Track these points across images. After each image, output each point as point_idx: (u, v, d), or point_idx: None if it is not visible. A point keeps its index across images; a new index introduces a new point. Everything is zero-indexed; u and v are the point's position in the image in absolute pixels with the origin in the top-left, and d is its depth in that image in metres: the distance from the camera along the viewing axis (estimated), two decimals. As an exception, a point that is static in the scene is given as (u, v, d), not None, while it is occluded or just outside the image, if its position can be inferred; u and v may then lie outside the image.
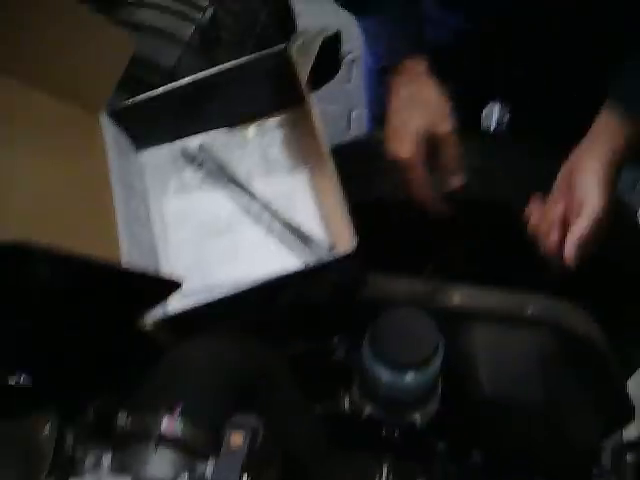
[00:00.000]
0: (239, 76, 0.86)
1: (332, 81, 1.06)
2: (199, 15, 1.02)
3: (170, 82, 0.93)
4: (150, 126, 0.90)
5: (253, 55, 0.85)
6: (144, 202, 0.86)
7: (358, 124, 2.45)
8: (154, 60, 0.96)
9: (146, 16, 1.01)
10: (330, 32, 1.11)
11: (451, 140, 0.90)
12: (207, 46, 1.00)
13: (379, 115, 1.38)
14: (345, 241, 0.73)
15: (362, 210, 0.99)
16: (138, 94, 0.90)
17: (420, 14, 1.02)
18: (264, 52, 0.85)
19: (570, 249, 0.82)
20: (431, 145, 0.89)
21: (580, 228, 0.82)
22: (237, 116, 0.90)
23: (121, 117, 0.87)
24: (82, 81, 0.81)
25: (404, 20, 0.99)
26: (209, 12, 1.01)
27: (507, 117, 1.65)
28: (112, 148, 0.84)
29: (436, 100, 0.92)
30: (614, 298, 1.02)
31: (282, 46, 0.85)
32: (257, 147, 0.88)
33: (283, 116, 0.90)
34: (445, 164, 0.90)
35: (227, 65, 0.85)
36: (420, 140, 0.88)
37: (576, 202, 0.84)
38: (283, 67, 0.85)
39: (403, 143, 0.89)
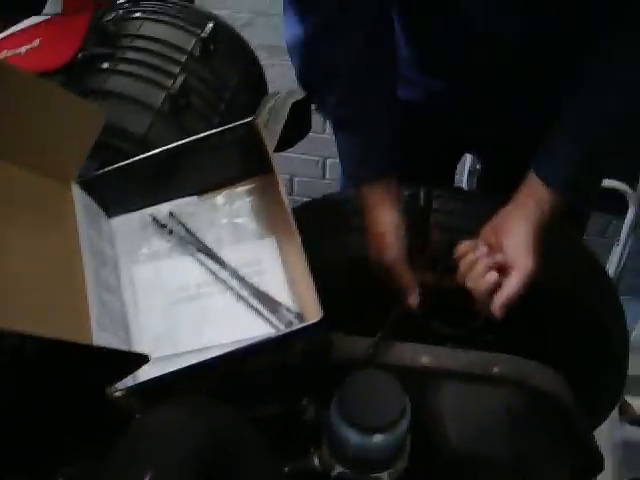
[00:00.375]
0: (209, 146, 0.88)
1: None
2: (170, 82, 1.05)
3: (141, 149, 0.96)
4: (121, 194, 0.91)
5: (222, 127, 0.87)
6: (115, 269, 0.88)
7: (333, 172, 2.48)
8: (125, 127, 0.99)
9: (117, 83, 1.03)
10: (300, 95, 1.15)
11: (395, 267, 0.94)
12: (178, 112, 1.03)
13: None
14: (312, 309, 0.75)
15: (334, 267, 1.02)
16: (110, 161, 0.92)
17: (394, 132, 1.01)
18: (233, 124, 0.87)
19: (497, 307, 0.86)
20: None
21: (510, 289, 0.86)
22: (207, 184, 0.92)
23: (92, 186, 0.89)
24: (52, 154, 0.83)
25: (375, 143, 1.00)
26: (180, 79, 1.04)
27: (479, 170, 1.69)
28: (83, 217, 0.85)
29: (384, 231, 0.95)
30: (577, 348, 1.05)
31: (250, 118, 0.87)
32: (226, 214, 0.90)
33: (252, 184, 0.92)
34: (397, 287, 0.95)
35: (197, 136, 0.87)
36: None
37: (506, 262, 0.88)
38: (251, 137, 0.88)
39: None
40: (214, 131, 0.87)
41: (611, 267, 2.18)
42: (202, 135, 0.87)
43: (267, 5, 2.17)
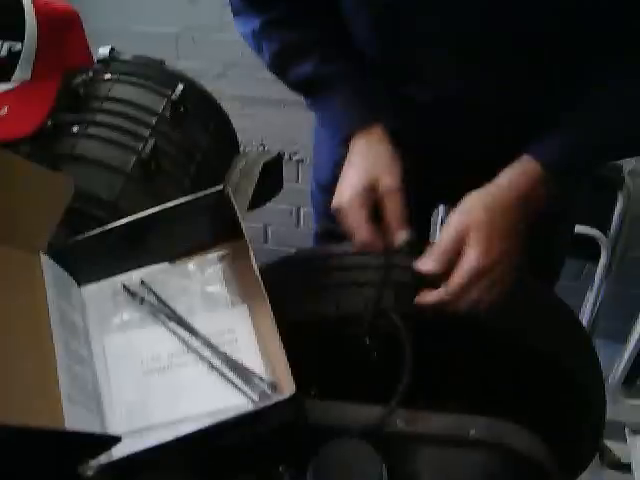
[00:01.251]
0: (179, 213, 0.88)
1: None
2: (140, 145, 1.05)
3: (113, 215, 0.95)
4: (91, 262, 0.91)
5: (192, 196, 0.87)
6: (86, 340, 0.87)
7: (307, 221, 2.49)
8: (96, 193, 0.98)
9: (87, 148, 1.03)
10: (271, 156, 1.15)
11: (393, 195, 0.92)
12: (149, 177, 1.02)
13: (325, 228, 1.42)
14: (285, 380, 0.74)
15: (307, 328, 1.02)
16: (80, 227, 0.91)
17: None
18: (203, 192, 0.87)
19: (433, 299, 0.89)
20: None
21: (455, 281, 0.87)
22: (178, 250, 0.92)
23: (62, 255, 0.88)
24: (21, 225, 0.82)
25: (364, 88, 1.02)
26: (150, 143, 1.03)
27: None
28: (53, 288, 0.85)
29: (384, 155, 0.96)
30: (554, 402, 1.05)
31: (220, 186, 0.87)
32: (198, 282, 0.90)
33: (223, 250, 0.92)
34: (388, 221, 0.93)
35: (167, 205, 0.87)
36: (360, 190, 0.92)
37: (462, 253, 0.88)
38: (222, 204, 0.87)
39: (343, 193, 0.93)
40: (184, 200, 0.87)
41: (586, 311, 2.20)
42: (172, 204, 0.87)
43: (239, 57, 2.18)
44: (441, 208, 2.05)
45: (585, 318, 2.21)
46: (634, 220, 2.02)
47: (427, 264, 0.90)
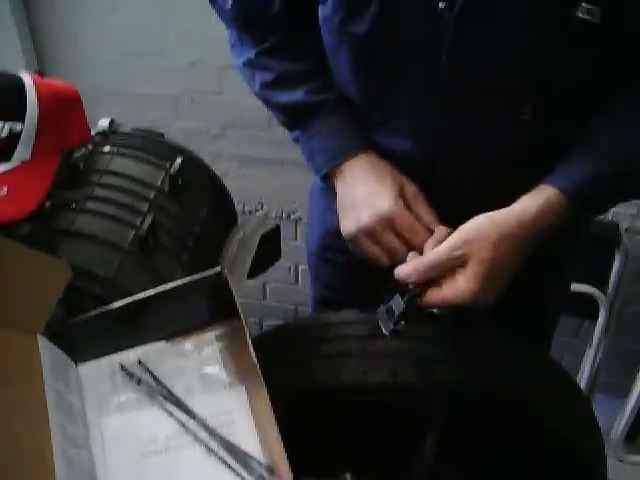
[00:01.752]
0: (177, 293, 0.88)
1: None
2: (138, 220, 1.05)
3: (110, 291, 0.96)
4: (89, 341, 0.91)
5: (190, 277, 0.88)
6: (83, 422, 0.86)
7: (305, 278, 2.50)
8: (93, 269, 0.98)
9: (85, 223, 1.03)
10: (269, 226, 1.16)
11: (420, 198, 0.99)
12: (147, 252, 1.03)
13: (322, 296, 1.43)
14: (282, 465, 0.74)
15: (304, 398, 1.02)
16: (77, 304, 0.92)
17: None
18: (200, 275, 0.87)
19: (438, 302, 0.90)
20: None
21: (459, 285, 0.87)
22: (175, 329, 0.92)
23: (59, 335, 0.88)
24: (17, 309, 0.82)
25: (351, 118, 1.06)
26: (149, 218, 1.04)
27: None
28: (50, 371, 0.84)
29: (391, 167, 1.01)
30: (554, 468, 1.05)
31: (217, 268, 0.87)
32: (195, 362, 0.89)
33: (220, 329, 0.92)
34: (424, 220, 0.97)
35: (166, 286, 0.87)
36: (396, 197, 0.97)
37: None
38: (219, 284, 0.88)
39: (380, 202, 0.97)
40: (182, 281, 0.88)
41: (586, 367, 2.19)
42: (170, 286, 0.87)
43: (237, 117, 2.21)
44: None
45: (585, 374, 2.21)
46: (632, 277, 2.03)
47: (407, 272, 0.90)
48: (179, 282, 0.88)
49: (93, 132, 1.20)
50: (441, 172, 1.05)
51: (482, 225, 0.89)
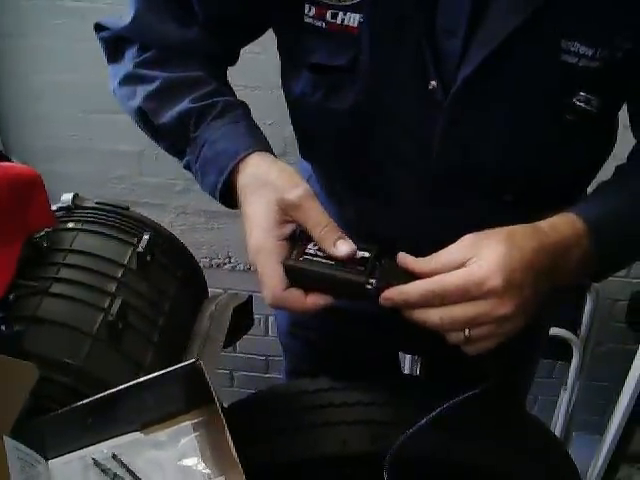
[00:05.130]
0: (150, 384, 0.86)
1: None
2: (107, 302, 1.03)
3: (79, 380, 0.94)
4: (59, 436, 0.88)
5: (162, 371, 0.85)
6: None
7: (275, 329, 2.48)
8: (61, 358, 0.95)
9: (51, 308, 1.00)
10: (241, 299, 1.15)
11: (306, 204, 0.80)
12: (116, 336, 1.00)
13: (294, 367, 1.41)
14: None
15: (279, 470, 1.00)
16: (48, 396, 0.89)
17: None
18: (173, 367, 0.86)
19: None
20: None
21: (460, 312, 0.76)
22: (149, 419, 0.89)
23: (27, 433, 0.85)
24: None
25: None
26: (117, 301, 1.01)
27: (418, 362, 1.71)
28: (17, 471, 0.81)
29: (282, 174, 0.84)
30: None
31: (192, 360, 0.85)
32: (172, 454, 0.87)
33: (196, 417, 0.90)
34: (313, 234, 0.80)
35: (139, 380, 0.85)
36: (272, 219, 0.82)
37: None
38: (193, 373, 0.86)
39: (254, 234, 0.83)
40: (156, 374, 0.86)
41: (561, 407, 2.20)
42: (144, 379, 0.85)
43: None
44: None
45: (561, 414, 2.21)
46: (603, 317, 2.04)
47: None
48: (152, 375, 0.85)
49: (55, 207, 1.18)
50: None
51: (483, 232, 0.80)
